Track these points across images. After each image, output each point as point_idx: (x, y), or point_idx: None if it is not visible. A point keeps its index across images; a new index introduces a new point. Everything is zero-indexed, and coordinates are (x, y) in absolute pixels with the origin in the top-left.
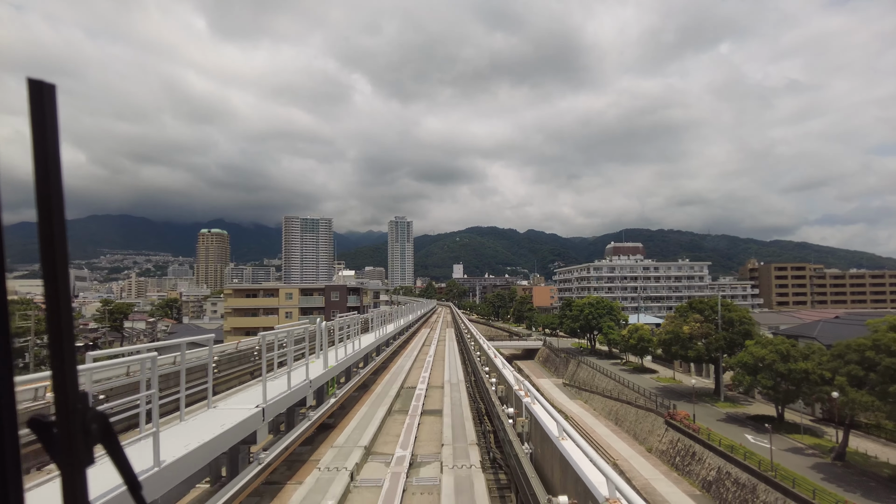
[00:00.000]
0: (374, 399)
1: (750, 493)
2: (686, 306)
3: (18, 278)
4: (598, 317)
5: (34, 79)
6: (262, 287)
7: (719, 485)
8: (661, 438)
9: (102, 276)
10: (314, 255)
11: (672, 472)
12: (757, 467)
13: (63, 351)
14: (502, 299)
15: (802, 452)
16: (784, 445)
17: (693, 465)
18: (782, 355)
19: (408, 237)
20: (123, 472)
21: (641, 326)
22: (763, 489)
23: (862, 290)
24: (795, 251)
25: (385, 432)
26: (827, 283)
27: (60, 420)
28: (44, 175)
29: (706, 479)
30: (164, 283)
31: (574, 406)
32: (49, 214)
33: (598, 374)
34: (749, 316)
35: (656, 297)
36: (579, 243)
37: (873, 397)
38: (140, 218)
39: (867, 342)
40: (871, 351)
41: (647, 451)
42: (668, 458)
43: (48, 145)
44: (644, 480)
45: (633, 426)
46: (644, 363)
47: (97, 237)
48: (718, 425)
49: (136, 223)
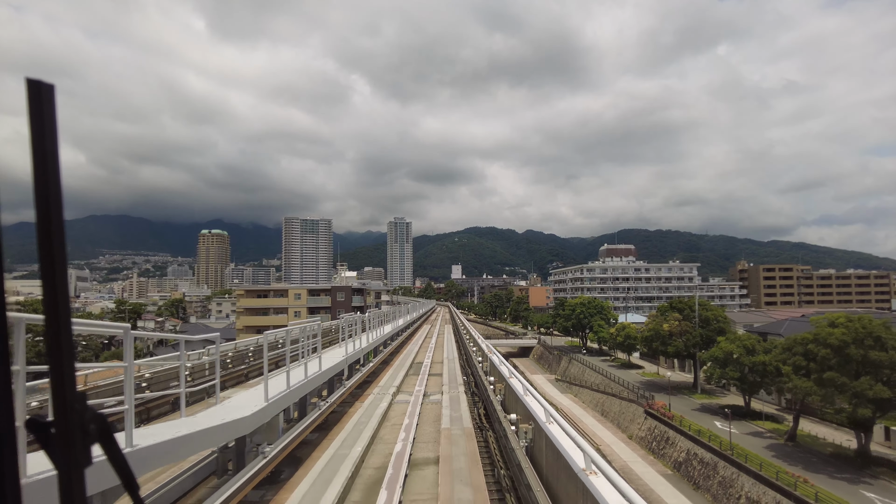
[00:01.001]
0: (394, 369)
1: (712, 470)
2: (667, 306)
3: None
4: (589, 316)
5: (33, 79)
6: (272, 288)
7: (688, 465)
8: (640, 426)
9: (102, 276)
10: (314, 256)
11: (649, 456)
12: (718, 448)
13: (61, 350)
14: (500, 299)
15: (762, 436)
16: (748, 430)
17: (667, 449)
18: (748, 350)
19: (407, 238)
20: (121, 473)
21: (629, 325)
22: (722, 466)
23: (848, 291)
24: (793, 251)
25: (406, 383)
26: (814, 283)
27: (58, 420)
28: (42, 175)
29: (677, 460)
30: (165, 284)
31: (564, 399)
32: (47, 214)
33: (588, 369)
34: (724, 315)
35: (647, 298)
36: (578, 244)
37: (812, 383)
38: (139, 218)
39: (809, 336)
40: (812, 344)
41: (628, 437)
42: (646, 444)
43: (47, 145)
44: (623, 462)
45: (616, 416)
46: (631, 359)
47: (96, 237)
48: (693, 414)
49: (135, 223)
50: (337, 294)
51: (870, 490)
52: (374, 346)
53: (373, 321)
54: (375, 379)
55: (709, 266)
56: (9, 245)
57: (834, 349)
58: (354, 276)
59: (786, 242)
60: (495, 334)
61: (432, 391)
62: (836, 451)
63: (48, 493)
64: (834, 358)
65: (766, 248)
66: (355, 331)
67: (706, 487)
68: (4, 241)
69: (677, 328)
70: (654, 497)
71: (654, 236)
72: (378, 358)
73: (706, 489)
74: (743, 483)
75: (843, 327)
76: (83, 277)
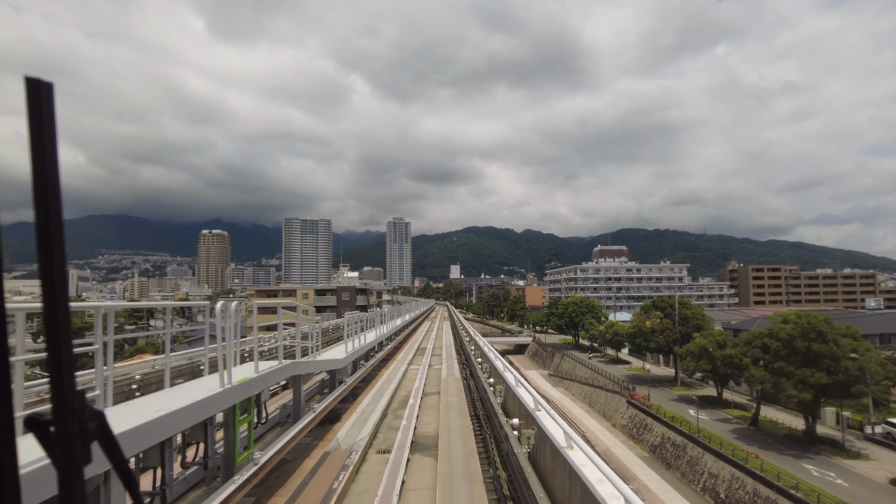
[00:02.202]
0: (405, 351)
1: (682, 451)
2: (650, 305)
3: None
4: (580, 314)
5: (31, 77)
6: (281, 288)
7: (662, 447)
8: (623, 415)
9: (101, 276)
10: (314, 256)
11: (629, 441)
12: (688, 432)
13: (60, 349)
14: (497, 299)
15: (729, 422)
16: (718, 417)
17: (645, 434)
18: (719, 345)
19: (406, 238)
20: (120, 471)
21: (617, 323)
22: (691, 447)
23: (834, 290)
24: (791, 251)
25: (414, 361)
26: (802, 283)
27: (57, 418)
28: (41, 173)
29: (653, 443)
30: (165, 284)
31: (556, 392)
32: (46, 213)
33: (579, 365)
34: (702, 313)
35: (638, 297)
36: (576, 243)
37: (766, 373)
38: (138, 218)
39: (765, 332)
40: (767, 338)
41: (612, 425)
42: (627, 431)
43: (45, 143)
44: (605, 447)
45: (602, 407)
46: (619, 356)
47: (95, 237)
48: (671, 404)
49: (134, 223)
50: (342, 294)
51: (809, 463)
52: (392, 333)
53: (388, 316)
54: (393, 356)
55: (707, 266)
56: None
57: (784, 342)
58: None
59: (783, 242)
60: (492, 332)
61: (434, 364)
62: (789, 433)
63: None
64: (784, 350)
65: (764, 247)
66: (380, 321)
67: (676, 466)
68: (4, 241)
69: (659, 325)
70: (631, 475)
71: (653, 236)
72: (392, 343)
73: (676, 468)
74: (707, 461)
75: (792, 323)
76: (85, 277)
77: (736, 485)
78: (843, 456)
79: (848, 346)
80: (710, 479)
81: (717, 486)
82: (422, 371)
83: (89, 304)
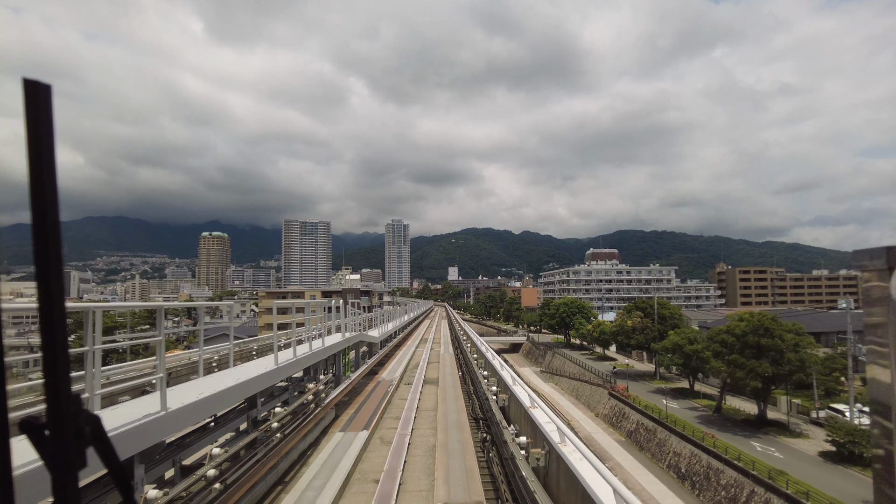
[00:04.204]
0: (411, 342)
1: (653, 435)
2: (632, 305)
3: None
4: (571, 314)
5: (30, 79)
6: (290, 290)
7: (636, 433)
8: (605, 406)
9: (100, 277)
10: (313, 258)
11: (609, 428)
12: (658, 418)
13: (56, 352)
14: (494, 300)
15: (697, 410)
16: (687, 406)
17: (623, 422)
18: (690, 341)
19: (404, 239)
20: (114, 476)
21: (604, 322)
22: (660, 431)
23: (819, 291)
24: (787, 252)
25: (419, 348)
26: (787, 285)
27: (52, 422)
28: (38, 174)
29: (629, 429)
30: (165, 286)
31: (546, 387)
32: (43, 214)
33: (568, 362)
34: (680, 312)
35: (629, 298)
36: (574, 244)
37: (723, 364)
38: (136, 219)
39: (724, 328)
40: (724, 334)
41: (595, 415)
42: (608, 419)
43: (43, 145)
44: (587, 433)
45: (587, 399)
46: (606, 353)
47: (93, 239)
48: (648, 395)
49: (133, 225)
50: (347, 296)
51: (757, 442)
52: (403, 325)
53: (396, 313)
54: (403, 343)
55: (704, 267)
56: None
57: (737, 337)
58: (358, 279)
59: (780, 243)
60: (489, 332)
61: (435, 349)
62: (745, 418)
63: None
64: (738, 344)
65: (761, 248)
66: (396, 315)
67: (647, 448)
68: (2, 243)
69: (639, 324)
70: (607, 455)
71: (650, 237)
72: (399, 336)
73: (647, 449)
74: (672, 442)
75: (745, 321)
76: (86, 279)
77: (694, 461)
78: (787, 435)
79: (791, 340)
80: (674, 457)
81: (679, 462)
82: (426, 352)
83: (79, 305)
